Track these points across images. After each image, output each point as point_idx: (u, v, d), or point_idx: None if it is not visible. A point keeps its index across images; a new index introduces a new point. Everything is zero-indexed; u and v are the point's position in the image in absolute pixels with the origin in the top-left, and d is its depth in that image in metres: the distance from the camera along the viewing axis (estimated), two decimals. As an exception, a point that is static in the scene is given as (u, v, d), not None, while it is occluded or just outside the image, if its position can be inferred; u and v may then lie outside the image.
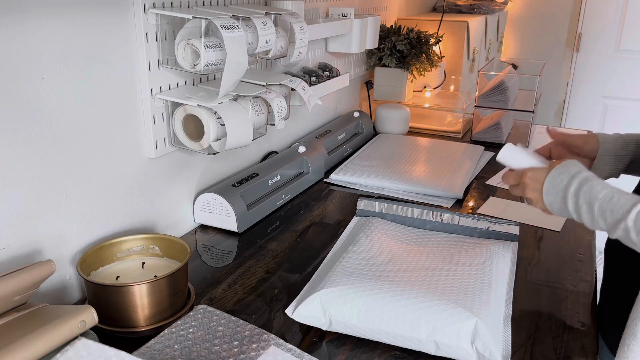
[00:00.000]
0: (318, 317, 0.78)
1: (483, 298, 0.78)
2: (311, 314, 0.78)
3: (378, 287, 0.79)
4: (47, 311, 0.68)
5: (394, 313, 0.75)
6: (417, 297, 0.77)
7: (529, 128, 1.69)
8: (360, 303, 0.77)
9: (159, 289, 0.77)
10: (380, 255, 0.89)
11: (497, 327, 0.75)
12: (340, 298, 0.78)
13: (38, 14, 0.74)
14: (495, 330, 0.74)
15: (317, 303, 0.78)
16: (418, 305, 0.76)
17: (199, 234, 1.11)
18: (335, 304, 0.77)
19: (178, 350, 0.71)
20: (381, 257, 0.89)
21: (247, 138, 0.99)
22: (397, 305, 0.76)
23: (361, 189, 1.35)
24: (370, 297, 0.77)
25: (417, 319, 0.74)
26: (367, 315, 0.76)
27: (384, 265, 0.86)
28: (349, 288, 0.79)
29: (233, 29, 0.88)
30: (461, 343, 0.72)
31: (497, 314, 0.78)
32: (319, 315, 0.78)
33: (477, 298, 0.78)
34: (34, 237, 0.79)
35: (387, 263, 0.87)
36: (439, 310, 0.75)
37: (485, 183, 1.39)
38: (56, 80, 0.78)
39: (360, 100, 1.91)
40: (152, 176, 1.01)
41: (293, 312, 0.79)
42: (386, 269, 0.85)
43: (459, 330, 0.73)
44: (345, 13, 1.48)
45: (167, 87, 0.98)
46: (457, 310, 0.74)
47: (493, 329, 0.74)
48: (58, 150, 0.81)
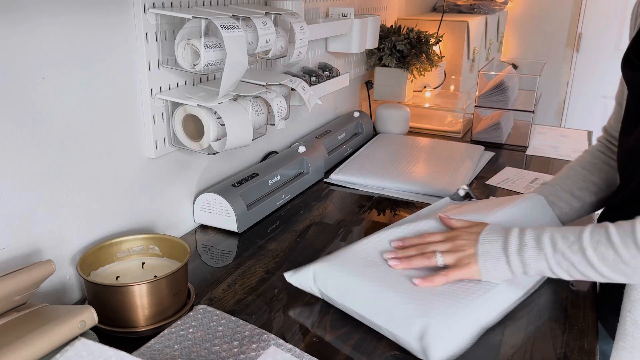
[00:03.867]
0: (310, 285, 0.86)
1: (446, 302, 0.78)
2: (305, 282, 0.87)
3: (362, 272, 0.84)
4: (47, 311, 0.68)
5: (365, 297, 0.80)
6: (389, 287, 0.81)
7: (529, 128, 1.69)
8: (341, 282, 0.83)
9: (159, 289, 0.77)
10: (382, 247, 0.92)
11: (451, 333, 0.74)
12: (328, 273, 0.85)
13: (38, 14, 0.74)
14: (444, 335, 0.73)
15: (310, 273, 0.86)
16: (384, 294, 0.79)
17: (199, 234, 1.11)
18: (324, 277, 0.85)
19: (178, 351, 0.71)
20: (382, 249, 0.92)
21: (247, 138, 0.99)
22: (369, 290, 0.81)
23: (361, 189, 1.35)
24: (351, 278, 0.83)
25: (380, 306, 0.79)
26: (343, 293, 0.82)
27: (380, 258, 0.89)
28: (337, 266, 0.86)
29: (233, 29, 0.88)
30: (409, 337, 0.74)
31: (458, 319, 0.76)
32: (310, 284, 0.86)
33: (439, 300, 0.78)
34: (34, 237, 0.79)
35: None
36: (396, 303, 0.78)
37: (485, 183, 1.39)
38: (56, 80, 0.78)
39: (360, 100, 1.91)
40: (152, 176, 1.01)
41: (291, 277, 0.88)
42: (380, 260, 0.88)
43: (407, 326, 0.75)
44: (345, 13, 1.48)
45: (167, 87, 0.98)
46: (410, 305, 0.77)
47: (444, 333, 0.73)
48: (58, 150, 0.81)
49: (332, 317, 0.83)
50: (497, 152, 1.63)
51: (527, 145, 1.69)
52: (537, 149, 1.68)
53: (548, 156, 1.61)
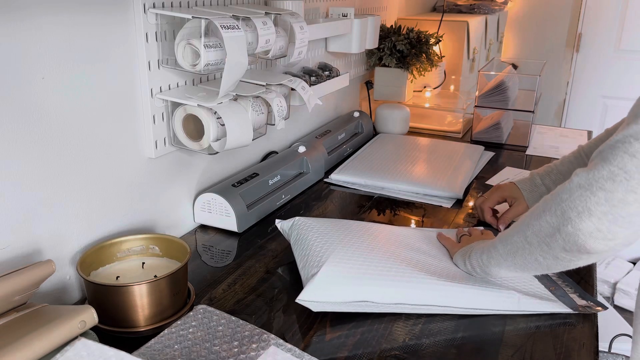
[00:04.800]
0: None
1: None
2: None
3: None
4: (47, 311, 0.68)
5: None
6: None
7: (529, 128, 1.69)
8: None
9: (159, 289, 0.77)
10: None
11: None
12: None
13: (38, 14, 0.74)
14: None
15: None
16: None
17: (199, 234, 1.11)
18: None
19: (178, 350, 0.71)
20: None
21: (247, 138, 0.99)
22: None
23: (361, 189, 1.35)
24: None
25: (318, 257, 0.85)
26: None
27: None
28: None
29: (233, 29, 0.88)
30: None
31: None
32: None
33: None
34: (34, 237, 0.79)
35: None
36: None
37: (486, 183, 1.39)
38: (56, 80, 0.78)
39: (360, 100, 1.91)
40: (152, 176, 1.01)
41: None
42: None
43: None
44: (345, 13, 1.48)
45: (167, 87, 0.98)
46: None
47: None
48: (58, 150, 0.81)
49: (332, 317, 0.83)
50: (497, 152, 1.63)
51: (527, 145, 1.69)
52: (537, 149, 1.68)
53: (548, 156, 1.61)
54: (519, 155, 1.62)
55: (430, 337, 0.80)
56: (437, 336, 0.80)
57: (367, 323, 0.82)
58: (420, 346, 0.78)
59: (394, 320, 0.83)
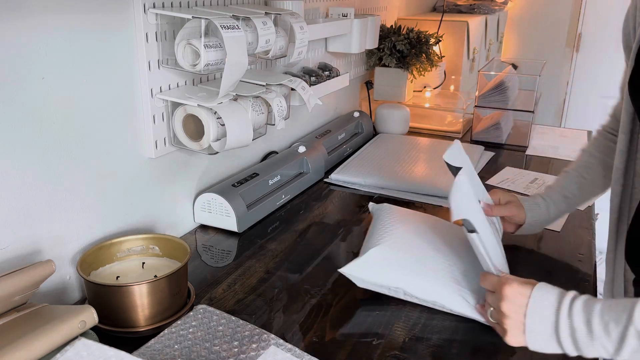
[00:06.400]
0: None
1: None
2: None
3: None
4: (47, 311, 0.68)
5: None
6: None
7: (529, 128, 1.69)
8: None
9: (159, 289, 0.77)
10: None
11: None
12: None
13: (38, 13, 0.74)
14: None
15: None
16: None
17: (199, 234, 1.11)
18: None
19: (178, 350, 0.71)
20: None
21: (247, 138, 0.99)
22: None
23: (361, 189, 1.35)
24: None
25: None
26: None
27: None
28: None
29: (233, 29, 0.88)
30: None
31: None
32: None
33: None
34: (34, 237, 0.79)
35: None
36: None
37: (486, 183, 1.39)
38: (56, 80, 0.78)
39: (360, 100, 1.91)
40: (152, 176, 1.01)
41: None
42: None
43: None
44: (345, 13, 1.48)
45: (167, 87, 0.98)
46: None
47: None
48: (58, 150, 0.81)
49: (332, 317, 0.83)
50: (497, 152, 1.63)
51: (527, 145, 1.69)
52: (537, 149, 1.68)
53: (548, 156, 1.61)
54: (518, 155, 1.62)
55: (430, 337, 0.80)
56: (437, 336, 0.80)
57: (367, 323, 0.82)
58: (420, 346, 0.78)
59: (394, 320, 0.83)
